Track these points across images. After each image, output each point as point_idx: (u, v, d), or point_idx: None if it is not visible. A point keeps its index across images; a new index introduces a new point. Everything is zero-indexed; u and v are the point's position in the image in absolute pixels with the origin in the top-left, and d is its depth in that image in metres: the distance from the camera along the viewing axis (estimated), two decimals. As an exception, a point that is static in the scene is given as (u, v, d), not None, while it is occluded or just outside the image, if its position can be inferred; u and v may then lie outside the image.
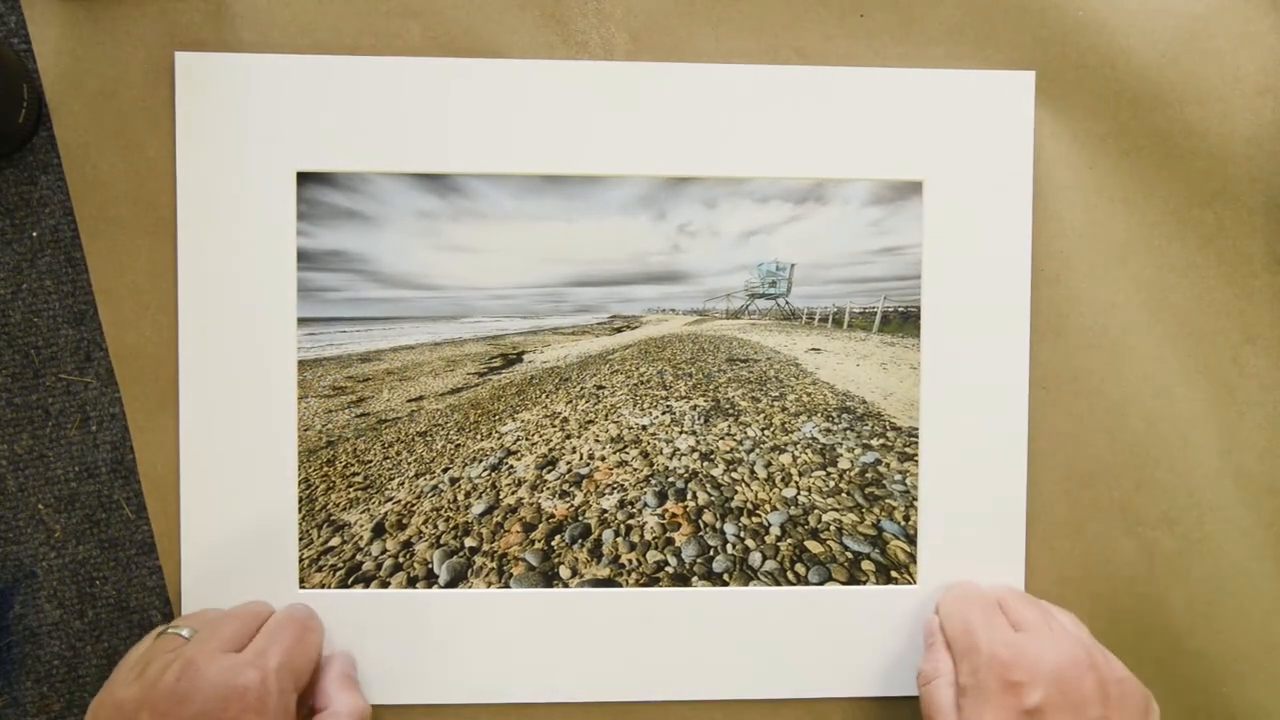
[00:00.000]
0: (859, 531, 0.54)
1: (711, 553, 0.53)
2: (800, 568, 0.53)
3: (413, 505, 0.53)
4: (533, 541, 0.53)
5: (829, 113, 0.53)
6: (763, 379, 0.57)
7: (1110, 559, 0.54)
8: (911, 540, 0.54)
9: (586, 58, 0.53)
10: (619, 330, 0.57)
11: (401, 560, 0.52)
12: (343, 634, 0.52)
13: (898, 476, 0.54)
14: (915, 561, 0.53)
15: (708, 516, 0.54)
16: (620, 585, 0.53)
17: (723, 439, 0.55)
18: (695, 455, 0.55)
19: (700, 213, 0.53)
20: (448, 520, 0.53)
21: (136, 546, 0.52)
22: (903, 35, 0.53)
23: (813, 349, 0.57)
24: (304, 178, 0.51)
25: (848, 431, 0.55)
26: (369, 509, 0.53)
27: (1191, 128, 0.54)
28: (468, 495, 0.53)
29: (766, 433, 0.55)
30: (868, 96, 0.53)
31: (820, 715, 0.54)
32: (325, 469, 0.52)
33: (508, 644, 0.52)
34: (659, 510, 0.54)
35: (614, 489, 0.54)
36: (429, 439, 0.55)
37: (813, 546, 0.53)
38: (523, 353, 0.56)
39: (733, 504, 0.54)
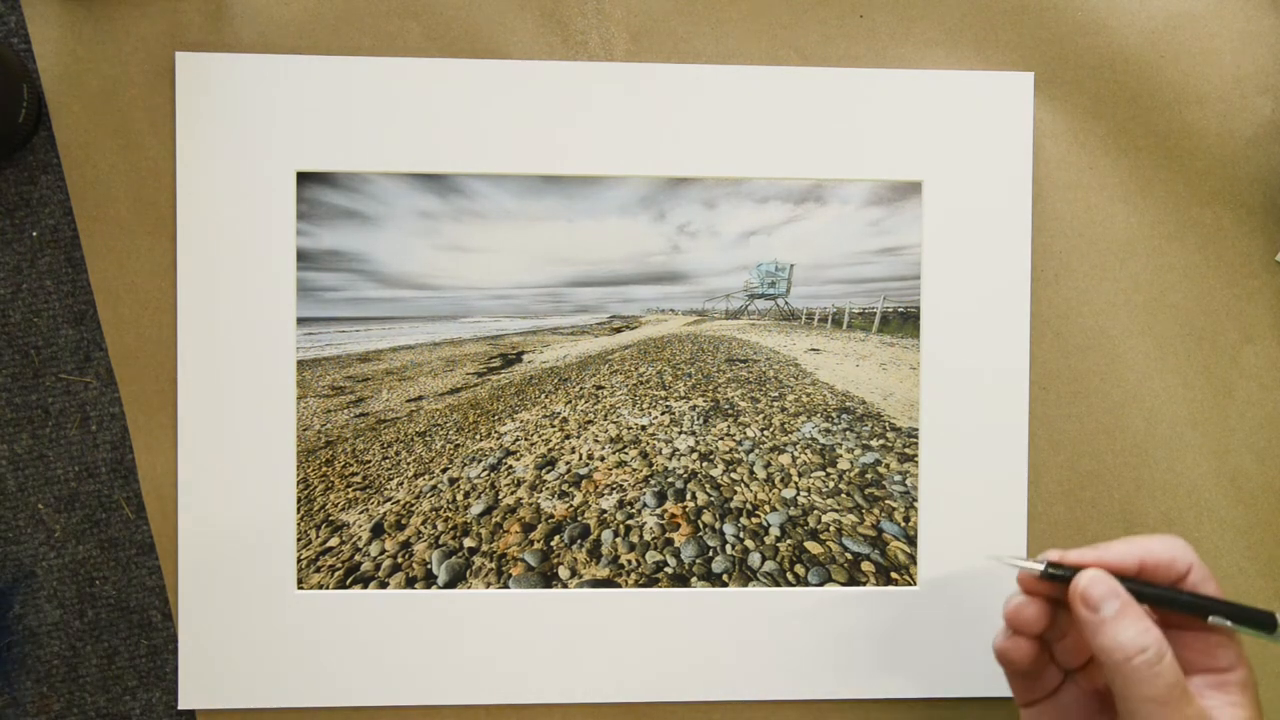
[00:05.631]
0: (859, 532, 0.54)
1: (711, 553, 0.53)
2: (800, 568, 0.53)
3: (411, 505, 0.53)
4: (532, 542, 0.53)
5: (829, 113, 0.53)
6: (762, 379, 0.57)
7: (1110, 560, 0.54)
8: (911, 541, 0.53)
9: (586, 58, 0.53)
10: (618, 330, 0.57)
11: (400, 560, 0.52)
12: (341, 635, 0.52)
13: (898, 477, 0.54)
14: (915, 563, 0.53)
15: (707, 517, 0.54)
16: (619, 586, 0.53)
17: (722, 439, 0.55)
18: (694, 456, 0.55)
19: (700, 213, 0.53)
20: (446, 520, 0.53)
21: (136, 546, 0.52)
22: (902, 36, 0.53)
23: (812, 349, 0.57)
24: (304, 178, 0.52)
25: (847, 432, 0.55)
26: (368, 509, 0.53)
27: (1191, 128, 0.54)
28: (467, 495, 0.53)
29: (766, 433, 0.55)
30: (867, 97, 0.53)
31: (820, 716, 0.54)
32: (324, 469, 0.52)
33: (506, 645, 0.52)
34: (658, 511, 0.54)
35: (613, 489, 0.54)
36: (428, 439, 0.55)
37: (812, 547, 0.53)
38: (522, 353, 0.56)
39: (732, 504, 0.54)
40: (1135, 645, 0.38)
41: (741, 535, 0.53)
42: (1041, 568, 0.42)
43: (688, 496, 0.54)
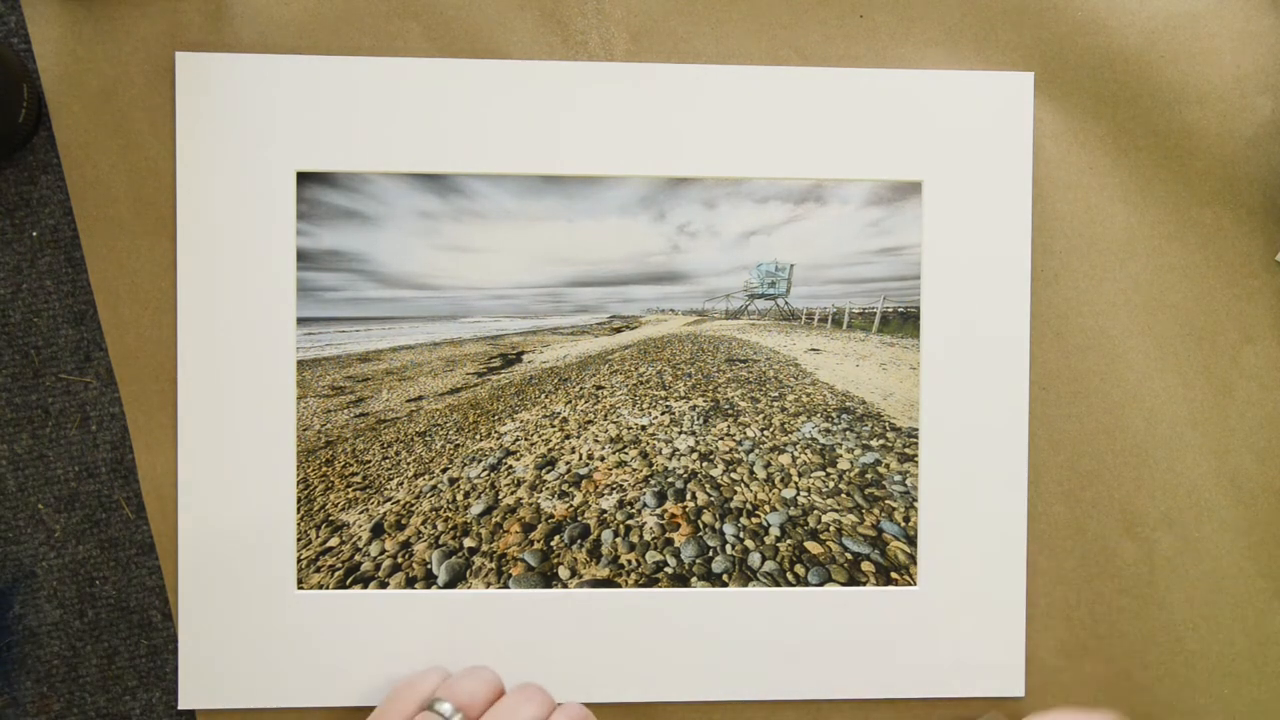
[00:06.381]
0: (859, 532, 0.54)
1: (711, 553, 0.53)
2: (800, 569, 0.53)
3: (411, 505, 0.53)
4: (531, 542, 0.53)
5: (829, 113, 0.53)
6: (762, 379, 0.57)
7: (1110, 559, 0.54)
8: (911, 541, 0.54)
9: (586, 58, 0.53)
10: (618, 330, 0.57)
11: (400, 560, 0.52)
12: (340, 635, 0.52)
13: (898, 477, 0.54)
14: (915, 563, 0.53)
15: (707, 517, 0.54)
16: (619, 586, 0.53)
17: (722, 439, 0.55)
18: (694, 456, 0.55)
19: (700, 213, 0.53)
20: (446, 520, 0.53)
21: (136, 546, 0.52)
22: (902, 36, 0.53)
23: (812, 349, 0.57)
24: (304, 178, 0.52)
25: (847, 432, 0.55)
26: (368, 509, 0.53)
27: (1191, 128, 0.54)
28: (466, 495, 0.53)
29: (766, 433, 0.55)
30: (867, 97, 0.53)
31: (820, 716, 0.54)
32: (324, 469, 0.52)
33: (506, 645, 0.52)
34: (658, 511, 0.54)
35: (613, 489, 0.54)
36: (428, 439, 0.55)
37: (812, 547, 0.53)
38: (522, 353, 0.56)
39: (732, 504, 0.54)
40: None
41: (741, 535, 0.53)
42: None
43: (688, 496, 0.54)
